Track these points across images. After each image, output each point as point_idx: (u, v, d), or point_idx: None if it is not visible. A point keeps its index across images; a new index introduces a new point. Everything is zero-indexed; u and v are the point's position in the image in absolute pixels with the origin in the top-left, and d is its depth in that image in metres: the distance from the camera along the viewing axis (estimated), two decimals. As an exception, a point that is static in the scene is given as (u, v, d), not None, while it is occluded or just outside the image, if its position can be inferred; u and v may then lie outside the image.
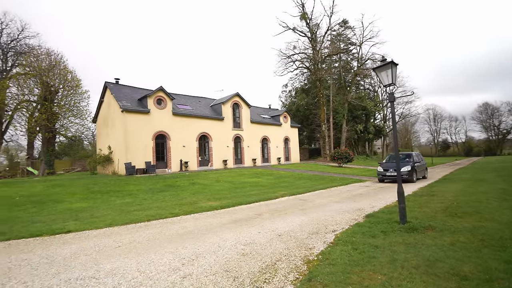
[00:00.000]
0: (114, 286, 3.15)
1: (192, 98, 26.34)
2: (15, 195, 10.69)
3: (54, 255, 4.39)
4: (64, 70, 24.76)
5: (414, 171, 14.05)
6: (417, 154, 16.30)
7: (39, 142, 28.99)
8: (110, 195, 11.28)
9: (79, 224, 6.49)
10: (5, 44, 30.08)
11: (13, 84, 25.10)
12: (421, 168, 15.42)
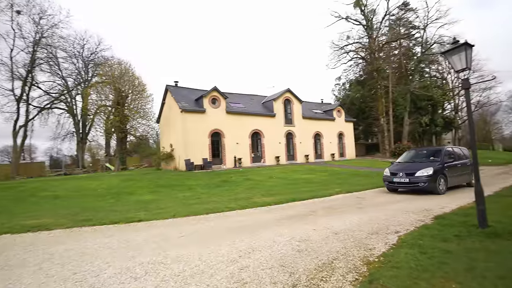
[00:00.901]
0: (179, 271, 3.42)
1: (244, 96, 27.00)
2: (98, 188, 12.38)
3: (129, 240, 4.96)
4: (132, 76, 27.71)
5: (441, 176, 9.20)
6: (453, 151, 10.71)
7: (114, 141, 33.03)
8: (173, 189, 12.29)
9: (148, 215, 7.22)
10: (86, 57, 34.90)
11: (93, 91, 29.04)
12: (457, 171, 10.06)
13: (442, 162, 9.54)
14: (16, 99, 30.41)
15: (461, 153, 10.96)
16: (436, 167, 9.22)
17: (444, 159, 9.73)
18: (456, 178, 10.01)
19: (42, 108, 32.41)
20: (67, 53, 33.47)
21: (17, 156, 31.43)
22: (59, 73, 33.31)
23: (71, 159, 41.56)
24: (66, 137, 34.99)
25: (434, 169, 9.09)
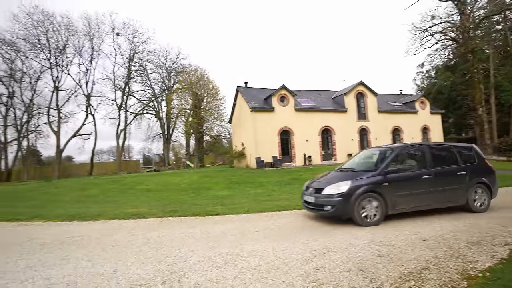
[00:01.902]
0: (255, 265, 3.55)
1: (313, 92, 26.38)
2: (180, 183, 13.84)
3: (209, 232, 5.39)
4: (207, 81, 30.06)
5: (368, 195, 5.50)
6: (426, 150, 6.44)
7: (193, 141, 36.42)
8: (245, 185, 12.84)
9: (224, 209, 7.71)
10: (169, 67, 39.31)
11: (175, 97, 32.61)
12: (425, 185, 5.97)
13: (381, 172, 5.77)
14: (118, 107, 36.39)
15: (449, 153, 6.59)
16: (357, 182, 5.60)
17: (386, 167, 5.84)
18: (420, 198, 5.92)
19: (136, 114, 38.00)
20: (154, 64, 38.48)
21: (119, 155, 37.60)
22: (148, 83, 38.54)
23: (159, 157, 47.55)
24: (155, 138, 40.29)
25: (351, 185, 5.52)
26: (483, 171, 6.60)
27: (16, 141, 36.88)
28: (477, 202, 6.36)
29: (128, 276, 3.29)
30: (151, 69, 38.37)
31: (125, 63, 36.90)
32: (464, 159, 6.56)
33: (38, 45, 33.79)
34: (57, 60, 34.91)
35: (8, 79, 34.61)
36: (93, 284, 3.12)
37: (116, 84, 36.43)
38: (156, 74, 38.97)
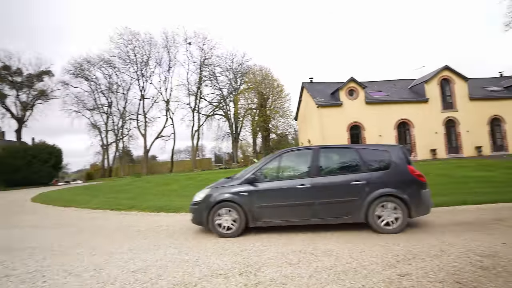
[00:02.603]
0: (330, 265, 3.42)
1: (386, 83, 24.17)
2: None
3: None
4: (272, 80, 30.43)
5: (225, 205, 5.06)
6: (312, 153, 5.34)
7: (260, 139, 37.40)
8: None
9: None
10: (235, 69, 41.14)
11: (241, 97, 33.99)
12: (297, 197, 5.00)
13: (244, 180, 5.23)
14: (191, 110, 39.81)
15: (350, 158, 5.42)
16: (219, 190, 5.30)
17: (253, 174, 5.27)
18: (292, 211, 5.07)
19: (208, 116, 40.93)
20: (221, 68, 40.77)
21: (194, 154, 41.13)
22: (217, 86, 41.05)
23: (228, 156, 50.36)
24: (224, 138, 42.71)
25: (208, 194, 5.28)
26: (398, 181, 4.96)
27: (114, 143, 43.86)
28: (383, 220, 4.81)
29: (209, 265, 3.55)
30: (219, 73, 40.81)
31: (197, 69, 40.12)
32: (369, 166, 5.12)
33: (128, 60, 39.45)
34: (143, 72, 40.15)
35: (107, 91, 41.41)
36: (180, 269, 3.46)
37: (189, 89, 39.94)
38: (224, 77, 41.27)
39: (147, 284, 3.05)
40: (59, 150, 32.79)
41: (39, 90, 38.43)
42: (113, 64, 40.05)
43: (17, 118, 36.74)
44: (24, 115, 37.18)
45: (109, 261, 3.86)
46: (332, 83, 23.87)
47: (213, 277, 3.19)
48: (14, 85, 36.64)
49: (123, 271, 3.46)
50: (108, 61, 39.75)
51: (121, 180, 27.00)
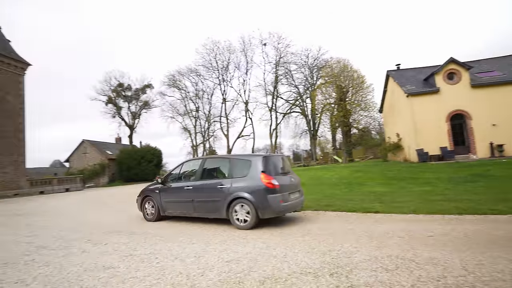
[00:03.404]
0: (438, 276, 2.96)
1: (498, 60, 19.69)
2: (331, 177, 13.81)
3: (370, 230, 5.02)
4: (351, 71, 28.53)
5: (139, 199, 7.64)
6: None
7: (339, 135, 35.64)
8: (406, 182, 11.21)
9: (384, 207, 7.00)
10: (311, 64, 40.23)
11: (318, 93, 32.98)
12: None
13: (161, 180, 7.31)
14: (269, 109, 40.85)
15: (222, 166, 6.68)
16: (148, 187, 7.79)
17: (166, 177, 7.37)
18: (182, 206, 6.79)
19: (285, 114, 41.29)
20: (297, 65, 40.51)
21: (272, 152, 42.02)
22: (293, 83, 40.99)
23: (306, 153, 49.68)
24: (302, 135, 42.34)
25: (144, 189, 7.82)
26: (251, 186, 5.77)
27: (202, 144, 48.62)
28: (238, 217, 5.78)
29: (297, 262, 3.54)
30: (295, 70, 40.66)
31: (273, 68, 40.92)
32: (234, 173, 6.17)
33: (211, 67, 43.13)
34: (223, 77, 43.29)
35: (195, 98, 46.19)
36: (270, 263, 3.56)
37: (266, 89, 41.07)
38: (299, 74, 40.90)
39: (240, 275, 3.24)
40: (159, 151, 38.33)
41: (143, 101, 45.77)
42: (199, 73, 44.46)
43: (129, 126, 44.62)
44: (134, 123, 44.88)
45: (206, 250, 4.26)
46: (424, 68, 20.81)
47: (302, 275, 3.16)
48: (126, 98, 44.64)
49: (219, 260, 3.77)
50: (194, 70, 44.33)
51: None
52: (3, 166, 21.97)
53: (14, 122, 23.19)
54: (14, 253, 4.66)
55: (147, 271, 3.50)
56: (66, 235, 5.86)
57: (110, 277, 3.34)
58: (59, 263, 4.00)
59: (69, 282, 3.27)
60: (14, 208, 12.47)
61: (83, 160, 39.62)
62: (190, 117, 47.49)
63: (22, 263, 4.07)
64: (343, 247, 4.09)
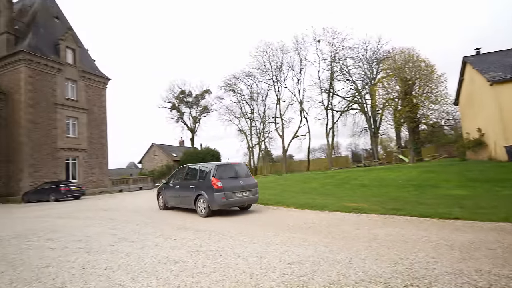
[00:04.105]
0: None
1: None
2: (397, 179, 12.65)
3: (450, 239, 4.41)
4: (418, 61, 25.77)
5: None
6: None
7: (405, 132, 32.53)
8: (492, 184, 9.64)
9: (466, 213, 6.10)
10: (370, 58, 37.67)
11: (379, 87, 30.63)
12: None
13: (165, 181, 10.60)
14: (325, 108, 39.55)
15: (197, 172, 9.13)
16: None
17: (168, 179, 10.51)
18: (175, 200, 9.85)
19: (342, 112, 39.44)
20: (354, 59, 38.36)
21: (329, 152, 40.57)
22: (350, 79, 38.92)
23: (366, 152, 46.62)
24: (361, 133, 39.87)
25: (160, 185, 11.86)
26: (206, 186, 8.05)
27: (258, 145, 49.51)
28: (200, 209, 8.17)
29: (365, 270, 3.30)
30: (351, 65, 38.56)
31: (328, 65, 39.52)
32: (200, 176, 8.65)
33: (264, 69, 43.68)
34: (277, 77, 43.42)
35: (250, 100, 47.34)
36: (334, 268, 3.39)
37: (321, 87, 39.84)
38: (357, 69, 38.64)
39: (304, 278, 3.15)
40: (218, 153, 40.29)
41: (203, 106, 48.72)
42: (253, 75, 45.44)
43: (191, 130, 47.96)
44: (195, 126, 48.09)
45: (267, 251, 4.28)
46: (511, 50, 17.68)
47: (371, 284, 2.93)
48: (188, 104, 48.10)
49: (280, 262, 3.74)
50: (249, 73, 45.45)
51: (265, 178, 30.05)
52: (91, 168, 25.75)
53: (99, 130, 26.97)
54: (102, 243, 5.37)
55: (213, 267, 3.66)
56: (141, 229, 6.54)
57: (181, 271, 3.59)
58: (138, 254, 4.46)
59: (146, 272, 3.61)
60: (100, 203, 14.47)
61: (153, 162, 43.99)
62: (245, 119, 48.83)
63: (109, 252, 4.66)
64: (418, 257, 3.68)
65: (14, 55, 21.63)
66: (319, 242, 4.62)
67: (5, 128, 21.86)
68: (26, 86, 21.48)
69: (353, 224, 5.96)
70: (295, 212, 8.01)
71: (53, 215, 10.35)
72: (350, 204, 8.09)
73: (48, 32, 24.68)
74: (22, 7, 26.61)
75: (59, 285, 3.33)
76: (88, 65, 27.01)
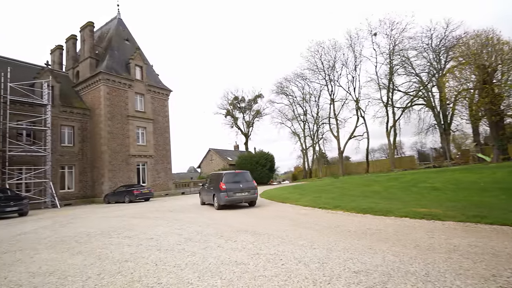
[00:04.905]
0: None
1: None
2: (479, 181, 11.00)
3: (560, 254, 3.63)
4: (498, 43, 22.21)
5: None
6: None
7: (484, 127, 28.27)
8: None
9: None
10: (436, 46, 33.84)
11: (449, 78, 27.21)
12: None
13: (203, 184, 15.26)
14: (384, 105, 36.81)
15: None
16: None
17: (204, 183, 14.59)
18: (207, 199, 13.60)
19: (404, 108, 36.16)
20: (416, 50, 34.88)
21: (391, 152, 37.51)
22: (412, 72, 35.48)
23: (435, 152, 41.76)
24: (429, 130, 35.92)
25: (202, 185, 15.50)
26: (217, 189, 11.41)
27: (312, 147, 48.42)
28: (215, 204, 11.58)
29: (446, 285, 2.89)
30: (414, 56, 35.12)
31: (386, 59, 36.75)
32: (215, 181, 12.00)
33: (316, 69, 42.69)
34: (330, 76, 41.99)
35: (302, 101, 46.71)
36: (408, 281, 3.05)
37: (379, 83, 37.18)
38: (420, 60, 35.00)
39: (373, 290, 2.92)
40: (272, 156, 40.54)
41: (255, 110, 49.77)
42: (305, 76, 44.82)
43: (245, 134, 49.32)
44: (248, 131, 49.35)
45: (329, 257, 4.09)
46: None
47: (456, 302, 2.55)
48: (241, 109, 49.66)
49: (345, 269, 3.53)
50: (300, 75, 44.99)
51: (321, 180, 29.19)
52: (158, 172, 28.29)
53: (163, 137, 29.54)
54: (170, 242, 5.80)
55: (274, 271, 3.63)
56: (203, 230, 6.89)
57: (243, 273, 3.65)
58: (202, 254, 4.69)
59: (211, 272, 3.77)
60: (167, 205, 15.76)
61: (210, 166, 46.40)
62: (298, 121, 48.31)
63: (176, 251, 5.01)
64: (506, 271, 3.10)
65: (95, 76, 25.17)
66: (387, 251, 4.24)
67: (90, 139, 25.51)
68: (105, 102, 24.76)
69: (426, 232, 5.35)
70: (356, 217, 7.54)
71: (128, 215, 11.62)
72: (420, 210, 7.30)
73: (121, 53, 28.12)
74: (100, 34, 30.88)
75: (137, 278, 3.68)
76: (153, 79, 29.91)
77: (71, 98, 26.03)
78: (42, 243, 6.52)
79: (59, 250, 5.66)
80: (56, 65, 29.60)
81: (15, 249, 6.12)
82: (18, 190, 19.88)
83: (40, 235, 7.68)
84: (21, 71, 23.13)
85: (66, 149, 24.17)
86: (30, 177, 20.85)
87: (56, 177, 22.85)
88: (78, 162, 24.73)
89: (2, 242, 7.01)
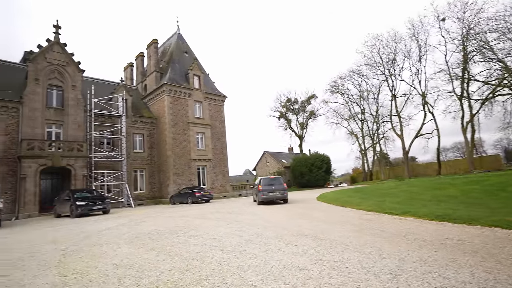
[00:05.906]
0: None
1: None
2: None
3: None
4: None
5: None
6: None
7: None
8: None
9: None
10: (525, 24, 28.61)
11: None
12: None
13: (256, 184, 18.31)
14: (458, 98, 32.55)
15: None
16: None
17: (256, 183, 18.98)
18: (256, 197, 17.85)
19: (485, 100, 31.37)
20: (498, 32, 29.93)
21: (469, 151, 32.86)
22: (493, 58, 30.58)
23: (529, 149, 35.15)
24: (518, 125, 30.40)
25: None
26: (257, 189, 15.98)
27: (372, 147, 45.34)
28: (256, 201, 16.48)
29: None
30: (495, 39, 30.20)
31: (458, 46, 32.46)
32: (257, 184, 16.83)
33: (374, 64, 39.97)
34: (390, 71, 38.84)
35: (359, 100, 44.18)
36: (509, 305, 2.57)
37: (451, 73, 33.00)
38: (504, 43, 29.90)
39: (463, 311, 2.51)
40: (328, 158, 39.16)
41: (309, 111, 48.81)
42: (361, 73, 42.37)
43: (299, 136, 48.70)
44: (302, 132, 48.61)
45: (403, 269, 3.69)
46: None
47: None
48: (294, 111, 49.22)
49: (423, 284, 3.14)
50: (356, 72, 42.66)
51: (383, 183, 27.12)
52: (216, 175, 29.71)
53: (220, 141, 30.94)
54: (232, 243, 5.97)
55: (340, 280, 3.43)
56: (262, 233, 6.92)
57: (307, 279, 3.52)
58: (263, 257, 4.70)
59: (274, 275, 3.73)
60: (226, 207, 16.39)
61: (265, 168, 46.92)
62: (355, 121, 45.89)
63: (238, 252, 5.12)
64: None
65: (160, 87, 27.75)
66: (475, 266, 3.65)
67: (157, 145, 28.15)
68: (169, 111, 27.08)
69: (525, 245, 4.47)
70: (430, 225, 6.73)
71: (191, 215, 12.40)
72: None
73: (181, 65, 30.50)
74: (163, 49, 34.01)
75: (204, 277, 3.85)
76: (209, 87, 31.66)
77: (141, 109, 29.15)
78: (122, 238, 7.35)
79: (136, 246, 6.30)
80: (128, 80, 33.54)
81: (102, 242, 7.02)
82: (101, 191, 22.98)
83: (120, 231, 8.68)
84: (101, 88, 26.84)
85: (138, 155, 27.11)
86: (110, 179, 23.96)
87: (130, 180, 25.78)
88: (148, 166, 27.48)
89: (92, 236, 8.12)
